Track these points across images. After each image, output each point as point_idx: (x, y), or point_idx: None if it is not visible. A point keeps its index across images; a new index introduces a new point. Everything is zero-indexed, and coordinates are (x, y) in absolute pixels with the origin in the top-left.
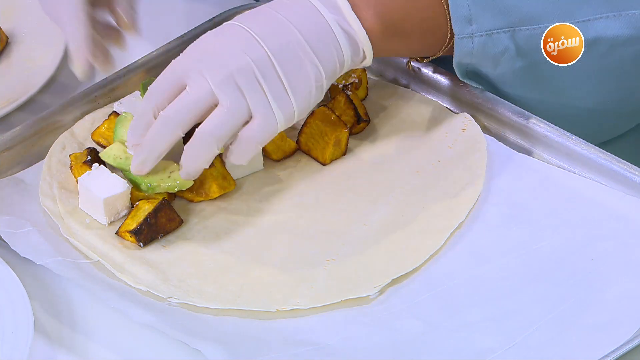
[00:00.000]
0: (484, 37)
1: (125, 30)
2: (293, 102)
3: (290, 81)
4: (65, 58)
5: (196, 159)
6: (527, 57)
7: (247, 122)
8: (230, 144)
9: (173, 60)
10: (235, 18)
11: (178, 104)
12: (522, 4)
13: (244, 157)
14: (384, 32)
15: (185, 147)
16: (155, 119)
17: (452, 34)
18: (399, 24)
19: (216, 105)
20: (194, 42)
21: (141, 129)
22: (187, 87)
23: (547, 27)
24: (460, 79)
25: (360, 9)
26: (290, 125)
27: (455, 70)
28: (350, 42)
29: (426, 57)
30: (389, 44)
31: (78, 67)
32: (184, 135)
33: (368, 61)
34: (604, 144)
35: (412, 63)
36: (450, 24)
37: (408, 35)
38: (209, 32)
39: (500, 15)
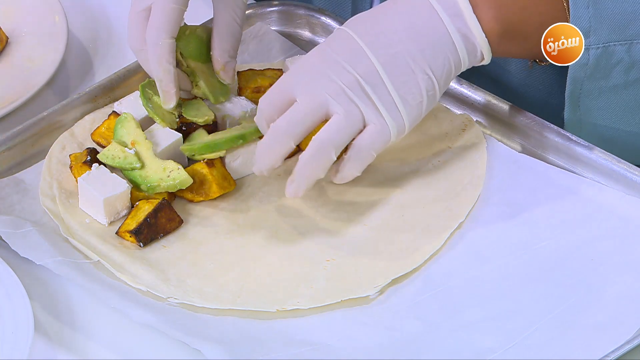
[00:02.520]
0: (600, 49)
1: (222, 80)
2: (403, 112)
3: (400, 91)
4: (65, 58)
5: (312, 168)
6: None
7: (360, 132)
8: (344, 154)
9: (281, 78)
10: (349, 21)
11: (288, 115)
12: (638, 18)
13: (359, 167)
14: (502, 35)
15: (300, 156)
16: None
17: None
18: (518, 27)
19: (327, 119)
20: (304, 57)
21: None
22: (297, 100)
23: None
24: (567, 99)
25: (481, 9)
26: (404, 135)
27: (567, 91)
28: (467, 46)
29: (545, 61)
30: (507, 46)
31: (170, 103)
32: (295, 147)
33: (486, 62)
34: None
35: (532, 63)
36: None
37: (527, 38)
38: (323, 42)
39: (618, 28)
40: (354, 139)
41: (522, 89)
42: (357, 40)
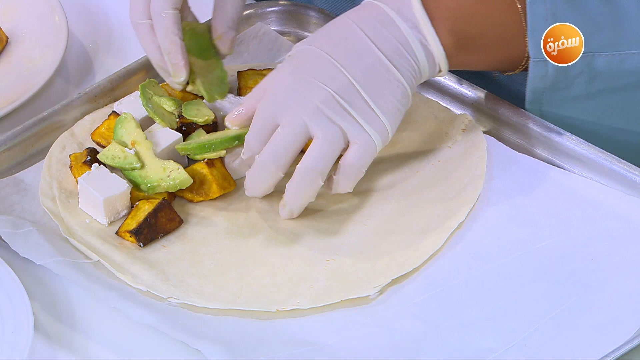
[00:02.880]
0: None
1: (222, 53)
2: (384, 121)
3: (377, 102)
4: (65, 58)
5: (301, 195)
6: (603, 82)
7: (345, 149)
8: (333, 174)
9: (259, 105)
10: (311, 38)
11: (272, 146)
12: (600, 31)
13: (350, 184)
14: (458, 48)
15: (287, 185)
16: None
17: (529, 55)
18: (474, 40)
19: (311, 140)
20: (273, 76)
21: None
22: (279, 127)
23: (627, 53)
24: (528, 107)
25: (437, 22)
26: (387, 144)
27: (527, 100)
28: (427, 57)
29: (508, 71)
30: (463, 58)
31: (180, 75)
32: (283, 176)
33: (443, 74)
34: None
35: (495, 74)
36: (527, 46)
37: (483, 51)
38: (286, 61)
39: None
40: (341, 156)
41: (522, 88)
42: (327, 57)
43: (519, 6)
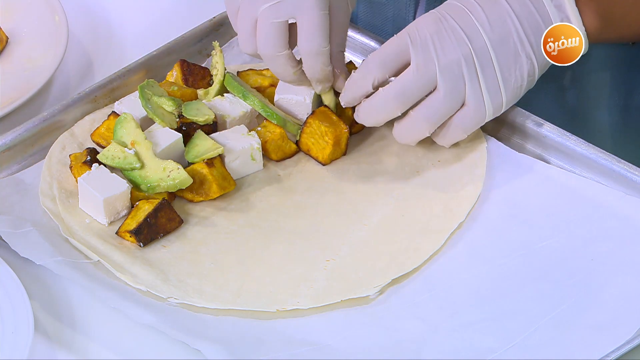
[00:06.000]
0: None
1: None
2: (503, 94)
3: (504, 73)
4: (65, 58)
5: (408, 139)
6: None
7: (457, 110)
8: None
9: (397, 35)
10: None
11: (401, 83)
12: None
13: (449, 141)
14: (602, 28)
15: (396, 124)
16: (373, 87)
17: None
18: (618, 20)
19: (434, 88)
20: (417, 20)
21: (357, 95)
22: (412, 65)
23: None
24: None
25: (583, 2)
26: (497, 116)
27: None
28: None
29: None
30: (605, 36)
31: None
32: (400, 114)
33: (583, 52)
34: None
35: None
36: None
37: (625, 28)
38: (430, 12)
39: None
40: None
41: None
42: (470, 15)
43: None
